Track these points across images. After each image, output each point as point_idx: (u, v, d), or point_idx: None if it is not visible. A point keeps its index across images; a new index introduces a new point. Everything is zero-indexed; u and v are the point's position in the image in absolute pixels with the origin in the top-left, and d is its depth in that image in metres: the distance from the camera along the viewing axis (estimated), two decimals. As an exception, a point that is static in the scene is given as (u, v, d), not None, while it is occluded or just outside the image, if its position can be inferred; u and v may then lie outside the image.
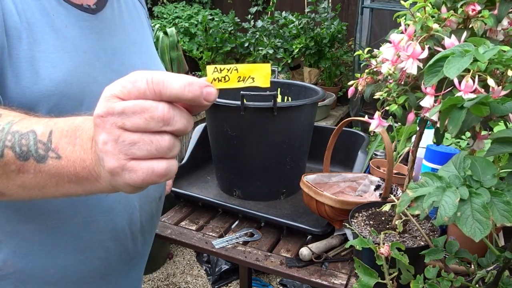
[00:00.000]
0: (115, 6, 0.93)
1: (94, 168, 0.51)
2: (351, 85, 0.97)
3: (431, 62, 0.70)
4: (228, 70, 0.50)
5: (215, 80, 0.50)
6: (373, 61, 0.92)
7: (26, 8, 0.75)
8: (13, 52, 0.73)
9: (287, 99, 1.75)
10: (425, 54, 0.78)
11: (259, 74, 0.52)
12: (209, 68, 0.50)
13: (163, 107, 0.46)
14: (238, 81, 0.52)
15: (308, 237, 1.31)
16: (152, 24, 2.88)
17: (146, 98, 0.46)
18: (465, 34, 0.77)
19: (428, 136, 1.29)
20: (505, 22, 0.78)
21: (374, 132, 0.92)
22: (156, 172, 0.47)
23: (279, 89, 1.74)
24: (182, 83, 0.46)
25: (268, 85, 0.53)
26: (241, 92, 1.35)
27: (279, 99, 1.74)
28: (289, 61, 3.19)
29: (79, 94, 0.78)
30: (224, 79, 0.51)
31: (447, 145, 1.53)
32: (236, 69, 0.51)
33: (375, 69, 0.92)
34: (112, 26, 0.90)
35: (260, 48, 3.26)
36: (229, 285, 2.57)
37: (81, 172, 0.52)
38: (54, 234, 0.83)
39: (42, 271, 0.85)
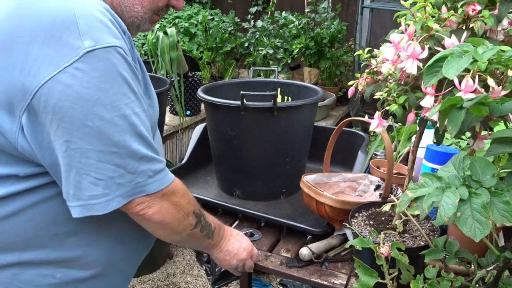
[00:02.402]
0: None
1: (217, 249, 1.12)
2: (351, 85, 0.97)
3: (430, 62, 0.70)
4: None
5: None
6: (373, 61, 0.92)
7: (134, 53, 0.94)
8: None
9: (287, 99, 1.75)
10: (425, 54, 0.78)
11: None
12: None
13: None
14: None
15: (308, 237, 1.31)
16: (152, 24, 2.87)
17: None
18: (465, 34, 0.77)
19: (428, 136, 1.29)
20: (505, 22, 0.78)
21: (374, 132, 0.92)
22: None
23: (279, 89, 1.74)
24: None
25: None
26: (241, 92, 1.35)
27: (279, 99, 1.74)
28: (289, 61, 3.18)
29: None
30: None
31: (447, 145, 1.53)
32: None
33: (375, 69, 0.92)
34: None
35: (260, 48, 3.26)
36: (229, 285, 2.57)
37: (209, 247, 1.11)
38: (133, 232, 1.02)
39: (119, 264, 1.03)
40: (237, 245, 1.14)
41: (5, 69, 0.79)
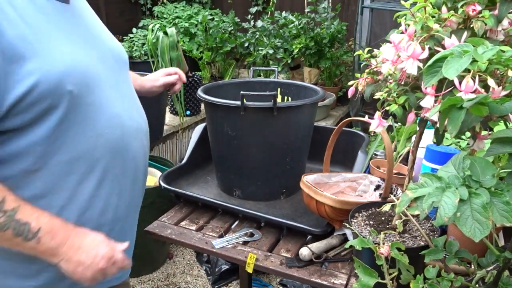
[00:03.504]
0: None
1: (57, 257, 0.93)
2: (351, 85, 0.97)
3: (430, 62, 0.70)
4: None
5: None
6: (373, 61, 0.92)
7: (27, 19, 0.90)
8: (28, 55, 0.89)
9: (287, 99, 1.75)
10: (425, 54, 0.78)
11: None
12: None
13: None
14: None
15: (308, 237, 1.31)
16: (152, 24, 2.87)
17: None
18: (465, 34, 0.77)
19: (428, 136, 1.29)
20: (505, 22, 0.78)
21: (374, 132, 0.92)
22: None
23: (279, 89, 1.74)
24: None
25: None
26: (241, 92, 1.35)
27: (279, 99, 1.74)
28: (289, 61, 3.18)
29: (85, 73, 0.98)
30: None
31: (447, 145, 1.53)
32: None
33: (375, 69, 0.92)
34: (81, 11, 1.08)
35: (260, 48, 3.26)
36: (229, 285, 2.57)
37: (44, 254, 0.93)
38: (104, 186, 1.05)
39: (99, 217, 1.05)
40: (92, 253, 0.95)
41: None
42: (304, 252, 1.21)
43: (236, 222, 1.44)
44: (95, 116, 0.99)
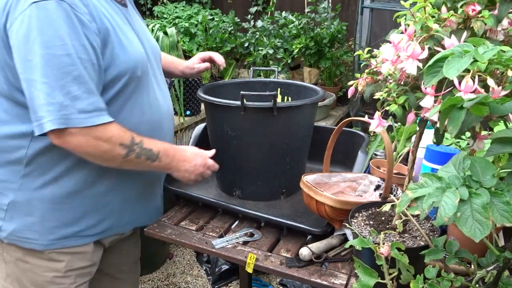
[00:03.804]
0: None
1: (171, 169, 1.30)
2: (351, 85, 0.97)
3: (430, 62, 0.70)
4: None
5: None
6: (373, 61, 0.92)
7: (111, 13, 1.16)
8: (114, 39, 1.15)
9: (287, 99, 1.75)
10: (425, 54, 0.78)
11: None
12: None
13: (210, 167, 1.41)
14: None
15: (308, 237, 1.31)
16: (152, 24, 2.86)
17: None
18: (465, 34, 0.77)
19: (428, 136, 1.29)
20: (505, 22, 0.78)
21: (374, 132, 0.92)
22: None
23: (279, 89, 1.74)
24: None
25: None
26: (241, 92, 1.35)
27: (279, 99, 1.74)
28: (289, 61, 3.18)
29: (145, 62, 1.26)
30: None
31: (447, 145, 1.53)
32: None
33: (375, 69, 0.92)
34: (133, 14, 1.33)
35: (260, 48, 3.25)
36: (229, 285, 2.57)
37: (163, 168, 1.28)
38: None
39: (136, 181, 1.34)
40: (193, 163, 1.32)
41: None
42: (304, 252, 1.21)
43: (236, 222, 1.44)
44: (143, 97, 1.24)
